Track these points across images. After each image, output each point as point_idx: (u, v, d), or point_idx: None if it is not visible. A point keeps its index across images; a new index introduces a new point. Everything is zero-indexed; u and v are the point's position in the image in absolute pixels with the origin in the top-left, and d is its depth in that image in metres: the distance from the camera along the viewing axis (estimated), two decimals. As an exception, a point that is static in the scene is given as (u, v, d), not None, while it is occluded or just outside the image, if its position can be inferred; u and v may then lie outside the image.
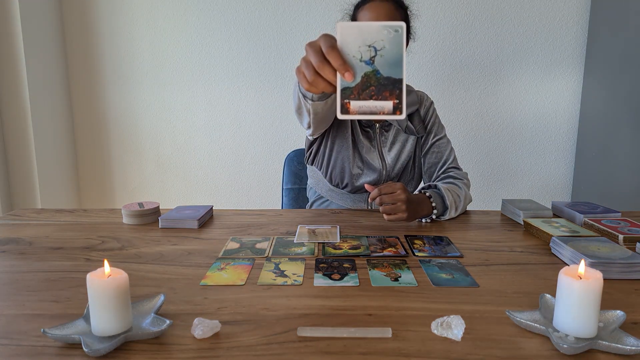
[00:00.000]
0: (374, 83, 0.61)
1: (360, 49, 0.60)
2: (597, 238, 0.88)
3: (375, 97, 0.61)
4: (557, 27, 2.16)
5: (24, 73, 1.98)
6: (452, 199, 1.11)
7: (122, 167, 2.38)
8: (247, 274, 0.77)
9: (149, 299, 0.63)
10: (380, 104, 0.61)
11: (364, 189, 1.28)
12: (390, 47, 0.60)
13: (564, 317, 0.55)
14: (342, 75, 0.60)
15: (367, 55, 0.61)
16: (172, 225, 1.04)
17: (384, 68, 0.60)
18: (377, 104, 0.61)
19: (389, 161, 1.27)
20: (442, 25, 2.18)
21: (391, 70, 0.60)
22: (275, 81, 2.25)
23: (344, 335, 0.57)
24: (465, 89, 2.24)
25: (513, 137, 2.29)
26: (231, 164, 2.36)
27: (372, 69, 0.61)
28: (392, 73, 0.60)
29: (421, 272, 0.77)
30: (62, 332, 0.55)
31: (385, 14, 1.13)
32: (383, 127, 1.28)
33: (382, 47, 0.60)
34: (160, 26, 2.22)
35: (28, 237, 0.98)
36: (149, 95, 2.29)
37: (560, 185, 2.33)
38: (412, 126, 1.27)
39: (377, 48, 0.60)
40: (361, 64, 0.61)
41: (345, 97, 0.61)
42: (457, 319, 0.58)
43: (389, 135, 1.28)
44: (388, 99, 0.61)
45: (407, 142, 1.29)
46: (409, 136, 1.29)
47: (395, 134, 1.29)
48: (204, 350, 0.53)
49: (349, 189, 1.28)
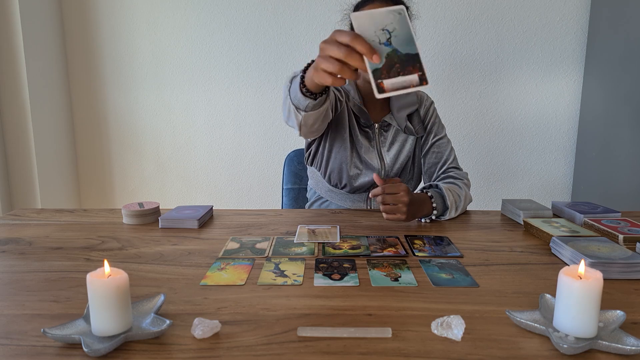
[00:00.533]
0: (397, 61, 0.67)
1: (377, 33, 0.67)
2: (597, 238, 0.88)
3: (402, 73, 0.67)
4: (557, 27, 2.16)
5: (24, 73, 1.98)
6: (453, 199, 1.11)
7: (122, 167, 2.38)
8: (247, 274, 0.77)
9: (149, 299, 0.63)
10: (408, 78, 0.67)
11: (362, 189, 1.28)
12: (400, 27, 0.67)
13: (564, 317, 0.55)
14: (370, 58, 0.66)
15: (384, 38, 0.67)
16: (172, 225, 1.04)
17: (401, 46, 0.67)
18: (406, 78, 0.67)
19: (388, 161, 1.27)
20: (442, 25, 2.18)
21: (407, 47, 0.67)
22: (276, 81, 2.25)
23: (344, 335, 0.57)
24: (465, 89, 2.24)
25: (513, 137, 2.29)
26: (231, 164, 2.36)
27: (392, 49, 0.67)
28: (409, 49, 0.67)
29: (421, 272, 0.77)
30: (62, 332, 0.55)
31: None
32: (382, 127, 1.28)
33: (394, 28, 0.67)
34: (160, 26, 2.22)
35: (28, 237, 0.98)
36: (149, 95, 2.29)
37: (560, 185, 2.33)
38: (411, 126, 1.27)
39: (389, 30, 0.67)
40: (381, 47, 0.67)
41: (378, 78, 0.66)
42: (457, 319, 0.58)
43: (388, 135, 1.28)
44: (412, 72, 0.67)
45: (406, 142, 1.28)
46: (408, 136, 1.28)
47: (394, 134, 1.28)
48: (204, 351, 0.53)
49: (347, 189, 1.28)
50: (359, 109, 1.25)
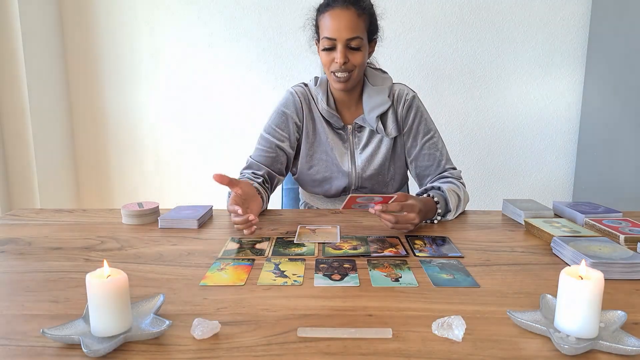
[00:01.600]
0: None
1: None
2: (598, 238, 0.87)
3: None
4: (558, 27, 2.16)
5: (23, 73, 1.98)
6: (455, 202, 1.10)
7: (122, 167, 2.37)
8: (247, 274, 0.76)
9: (148, 300, 0.63)
10: None
11: (339, 192, 1.27)
12: None
13: (565, 318, 0.55)
14: None
15: None
16: (171, 225, 1.04)
17: None
18: None
19: (359, 163, 1.23)
20: (442, 25, 2.18)
21: None
22: (276, 81, 2.25)
23: (344, 335, 0.56)
24: (466, 89, 2.24)
25: (514, 137, 2.29)
26: (231, 164, 2.35)
27: None
28: None
29: (422, 273, 0.77)
30: (62, 332, 0.55)
31: (345, 25, 1.07)
32: (355, 128, 1.24)
33: None
34: (160, 26, 2.22)
35: (27, 237, 0.97)
36: (148, 94, 2.29)
37: (562, 185, 2.33)
38: (382, 127, 1.21)
39: None
40: None
41: None
42: (458, 320, 0.58)
43: (362, 137, 1.24)
44: None
45: (382, 143, 1.23)
46: (383, 137, 1.23)
47: (369, 135, 1.24)
48: (203, 351, 0.53)
49: (324, 194, 1.28)
50: (328, 113, 1.21)
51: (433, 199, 1.07)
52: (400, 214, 0.95)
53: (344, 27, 1.08)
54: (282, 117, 1.23)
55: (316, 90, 1.22)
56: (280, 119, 1.23)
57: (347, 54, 1.10)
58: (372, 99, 1.20)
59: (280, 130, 1.22)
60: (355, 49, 1.10)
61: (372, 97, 1.20)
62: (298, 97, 1.24)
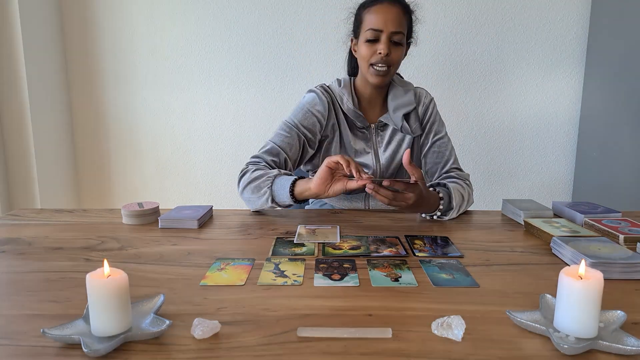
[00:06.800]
0: None
1: None
2: (598, 238, 0.88)
3: None
4: (558, 27, 2.16)
5: (23, 73, 1.98)
6: (459, 201, 1.11)
7: (122, 167, 2.37)
8: (247, 274, 0.76)
9: (148, 299, 0.63)
10: None
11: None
12: None
13: (564, 318, 0.55)
14: None
15: None
16: (171, 225, 1.04)
17: None
18: None
19: (383, 161, 1.26)
20: (442, 25, 2.18)
21: None
22: (276, 81, 2.25)
23: (344, 335, 0.57)
24: (466, 89, 2.24)
25: (514, 137, 2.29)
26: (231, 164, 2.35)
27: None
28: None
29: (421, 272, 0.77)
30: (62, 332, 0.55)
31: (392, 18, 1.11)
32: (379, 127, 1.27)
33: None
34: (160, 26, 2.22)
35: (27, 237, 0.97)
36: (148, 95, 2.29)
37: (561, 185, 2.33)
38: (407, 126, 1.25)
39: None
40: None
41: None
42: (458, 319, 0.58)
43: (385, 135, 1.27)
44: None
45: (403, 142, 1.27)
46: (405, 135, 1.27)
47: (391, 134, 1.27)
48: (203, 351, 0.53)
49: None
50: (354, 113, 1.23)
51: (439, 194, 1.09)
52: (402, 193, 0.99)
53: (390, 20, 1.12)
54: (307, 114, 1.23)
55: (341, 91, 1.25)
56: (305, 115, 1.23)
57: (390, 47, 1.13)
58: (398, 98, 1.25)
59: (303, 127, 1.23)
60: (397, 43, 1.14)
61: (398, 97, 1.25)
62: (324, 97, 1.25)
